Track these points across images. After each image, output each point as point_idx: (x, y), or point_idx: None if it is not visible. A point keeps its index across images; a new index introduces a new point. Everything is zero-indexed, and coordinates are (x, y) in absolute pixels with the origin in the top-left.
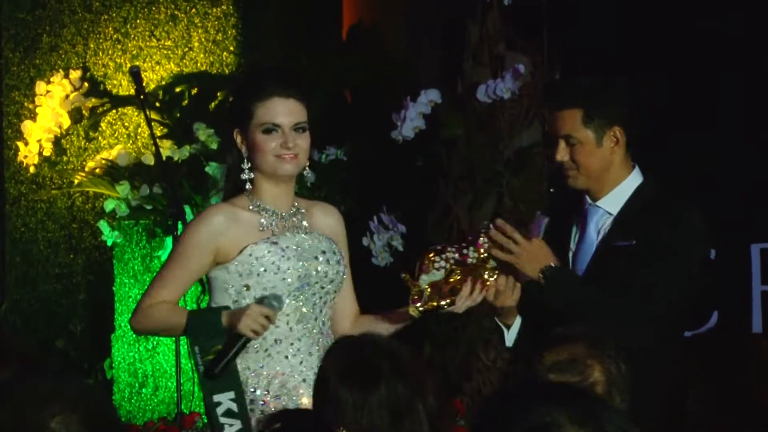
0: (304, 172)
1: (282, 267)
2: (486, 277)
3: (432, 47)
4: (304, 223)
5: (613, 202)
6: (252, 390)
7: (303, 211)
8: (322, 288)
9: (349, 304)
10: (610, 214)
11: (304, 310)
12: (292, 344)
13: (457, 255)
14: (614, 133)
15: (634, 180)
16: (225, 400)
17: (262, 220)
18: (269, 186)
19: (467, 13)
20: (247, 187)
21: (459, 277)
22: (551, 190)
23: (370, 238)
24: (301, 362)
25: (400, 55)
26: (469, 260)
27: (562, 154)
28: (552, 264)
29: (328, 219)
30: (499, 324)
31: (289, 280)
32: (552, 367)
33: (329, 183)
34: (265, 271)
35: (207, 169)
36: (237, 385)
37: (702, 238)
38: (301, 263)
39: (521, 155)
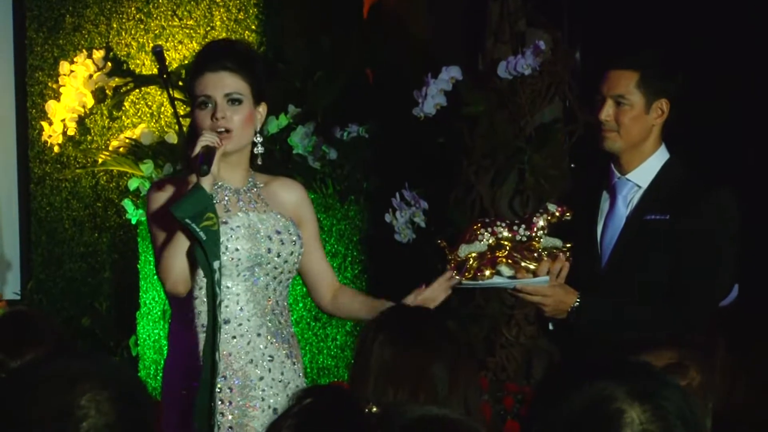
0: (255, 150)
1: (230, 247)
2: (535, 254)
3: (453, 25)
4: (262, 197)
5: (642, 175)
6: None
7: (261, 185)
8: (276, 268)
9: (325, 276)
10: (639, 187)
11: (254, 289)
12: (240, 324)
13: (506, 231)
14: (661, 105)
15: (662, 156)
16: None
17: (215, 195)
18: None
19: None
20: None
21: (506, 252)
22: (572, 165)
23: (393, 214)
24: (249, 342)
25: (421, 34)
26: (518, 237)
27: (607, 112)
28: (577, 301)
29: (289, 194)
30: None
31: (238, 259)
32: None
33: (351, 160)
34: None
35: None
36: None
37: (738, 219)
38: (250, 244)
39: (542, 131)
